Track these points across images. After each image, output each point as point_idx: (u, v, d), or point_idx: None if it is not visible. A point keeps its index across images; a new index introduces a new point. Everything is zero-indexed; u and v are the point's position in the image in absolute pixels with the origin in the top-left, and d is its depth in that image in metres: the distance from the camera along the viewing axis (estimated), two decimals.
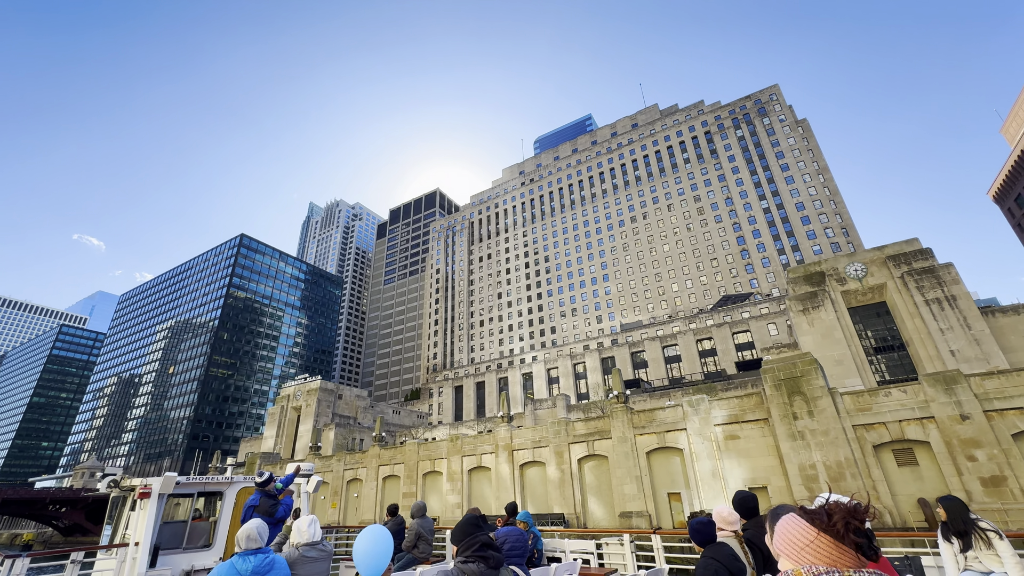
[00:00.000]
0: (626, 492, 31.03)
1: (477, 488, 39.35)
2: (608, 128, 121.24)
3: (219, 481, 11.01)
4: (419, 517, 10.62)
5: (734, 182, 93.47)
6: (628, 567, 13.48)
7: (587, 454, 34.05)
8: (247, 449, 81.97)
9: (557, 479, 34.48)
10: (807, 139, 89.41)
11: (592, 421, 34.87)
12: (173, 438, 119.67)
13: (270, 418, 74.99)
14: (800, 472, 24.47)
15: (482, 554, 4.07)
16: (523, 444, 37.49)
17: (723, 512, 5.36)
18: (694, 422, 29.89)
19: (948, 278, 36.11)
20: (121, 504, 10.77)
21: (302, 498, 12.00)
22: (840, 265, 41.34)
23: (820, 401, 25.10)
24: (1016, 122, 77.90)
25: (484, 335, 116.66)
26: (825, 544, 1.78)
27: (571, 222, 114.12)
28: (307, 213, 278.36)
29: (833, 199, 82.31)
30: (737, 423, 28.41)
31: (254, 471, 58.01)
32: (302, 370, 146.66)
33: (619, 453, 32.11)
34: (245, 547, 4.61)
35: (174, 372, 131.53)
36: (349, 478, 48.52)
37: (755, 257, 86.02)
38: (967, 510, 6.40)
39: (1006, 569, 5.91)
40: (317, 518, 5.43)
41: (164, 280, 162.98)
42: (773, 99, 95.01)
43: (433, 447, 43.00)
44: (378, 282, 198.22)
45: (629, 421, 32.56)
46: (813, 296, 40.45)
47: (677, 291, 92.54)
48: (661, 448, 31.09)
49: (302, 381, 77.15)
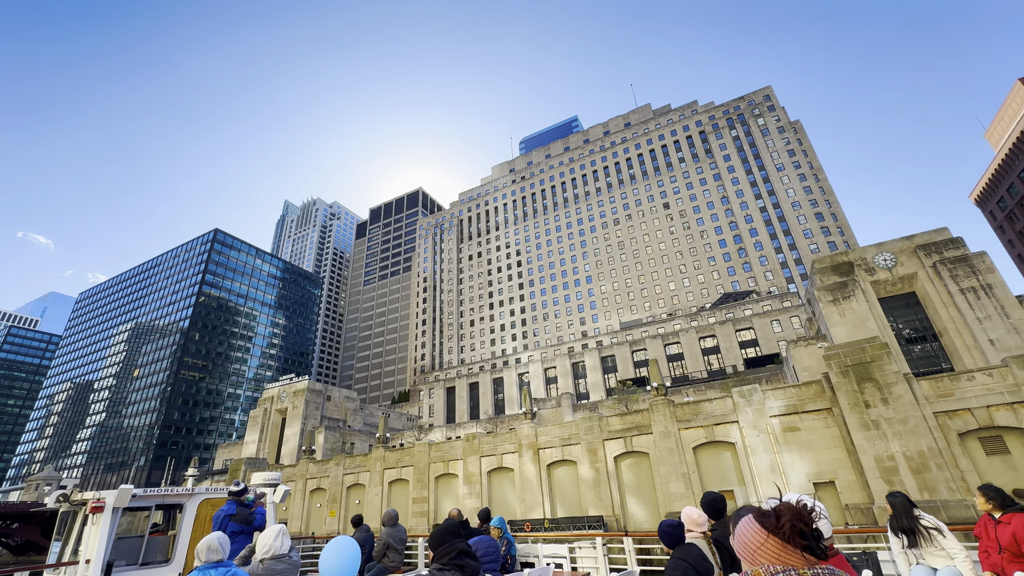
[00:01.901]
0: (672, 491, 28.77)
1: (498, 490, 36.42)
2: (600, 127, 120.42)
3: (179, 493, 10.48)
4: (390, 526, 10.33)
5: (730, 181, 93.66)
6: (600, 570, 13.45)
7: (624, 451, 31.69)
8: (226, 455, 76.24)
9: (591, 479, 31.95)
10: (800, 140, 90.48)
11: (628, 416, 32.56)
12: (138, 446, 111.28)
13: (252, 422, 69.89)
14: (877, 464, 22.65)
15: (459, 562, 4.01)
16: (550, 442, 34.83)
17: (692, 514, 5.47)
18: (747, 414, 27.92)
19: (983, 267, 35.49)
20: (72, 519, 10.18)
21: (268, 508, 11.61)
22: (868, 255, 40.44)
23: (895, 387, 23.42)
24: (1000, 127, 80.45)
25: (475, 335, 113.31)
26: (774, 546, 1.83)
27: (564, 220, 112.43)
28: (282, 211, 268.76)
29: (828, 199, 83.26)
30: (796, 414, 26.57)
31: (239, 477, 53.27)
32: (279, 372, 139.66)
33: (662, 449, 29.87)
34: (206, 559, 4.47)
35: (139, 375, 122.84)
36: (349, 483, 44.70)
37: (752, 255, 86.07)
38: (912, 507, 6.49)
39: (955, 562, 5.99)
40: (286, 528, 5.03)
41: (129, 278, 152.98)
42: (766, 100, 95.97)
43: (446, 447, 39.83)
44: (357, 283, 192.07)
45: (672, 415, 30.39)
46: (843, 286, 39.37)
47: (675, 289, 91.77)
48: (709, 443, 29.02)
49: (287, 382, 72.44)
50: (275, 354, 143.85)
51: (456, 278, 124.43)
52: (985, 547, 6.22)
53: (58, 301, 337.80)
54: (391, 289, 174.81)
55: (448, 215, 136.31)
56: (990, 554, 6.12)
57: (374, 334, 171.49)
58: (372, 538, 10.84)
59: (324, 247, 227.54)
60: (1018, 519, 5.84)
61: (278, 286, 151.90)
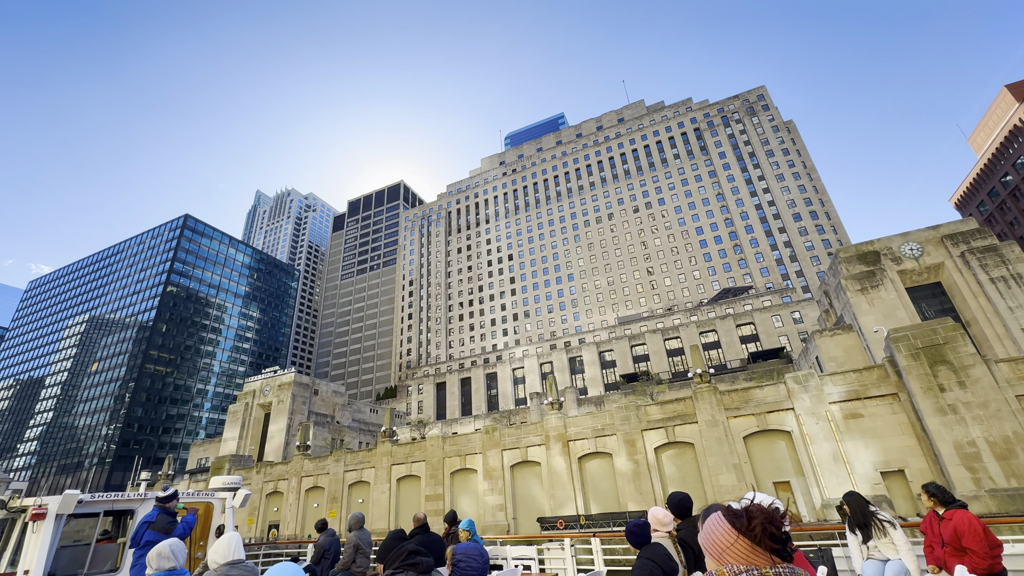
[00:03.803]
0: (722, 483, 27.05)
1: (523, 486, 33.98)
2: (593, 121, 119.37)
3: (130, 498, 10.19)
4: (357, 529, 10.00)
5: (725, 179, 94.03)
6: (568, 571, 13.35)
7: (665, 441, 29.82)
8: (200, 454, 70.75)
9: (630, 472, 29.93)
10: (794, 139, 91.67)
11: (669, 404, 30.72)
12: (96, 446, 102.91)
13: (231, 417, 65.06)
14: (957, 451, 21.41)
15: (411, 561, 4.03)
16: (582, 433, 32.66)
17: (658, 514, 5.57)
18: (803, 400, 26.46)
19: (1012, 256, 35.39)
20: (9, 527, 9.60)
21: (227, 513, 11.32)
22: (894, 244, 40.07)
23: (973, 370, 22.29)
24: (983, 133, 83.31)
25: (464, 330, 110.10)
26: (743, 547, 1.86)
27: (557, 214, 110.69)
28: (253, 202, 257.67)
29: (821, 197, 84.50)
30: (858, 399, 25.24)
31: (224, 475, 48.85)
32: (252, 368, 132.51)
33: (709, 439, 28.13)
34: (157, 567, 4.43)
35: (98, 369, 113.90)
36: (351, 481, 41.30)
37: (748, 252, 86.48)
38: (867, 504, 6.96)
39: (900, 555, 6.47)
40: (240, 535, 4.68)
41: (86, 266, 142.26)
42: (760, 100, 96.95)
43: (463, 440, 37.10)
44: (334, 276, 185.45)
45: (719, 402, 28.70)
46: (871, 275, 38.78)
47: (670, 285, 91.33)
48: (761, 431, 27.44)
49: (271, 375, 67.84)
50: (248, 348, 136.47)
51: (444, 271, 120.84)
52: (930, 542, 6.56)
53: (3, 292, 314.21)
54: (371, 284, 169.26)
55: (435, 207, 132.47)
56: (934, 548, 6.44)
57: (352, 330, 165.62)
58: (338, 543, 10.48)
59: (299, 240, 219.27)
60: (959, 515, 6.12)
61: (252, 277, 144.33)
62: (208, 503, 11.65)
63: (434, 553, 8.44)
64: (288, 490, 43.94)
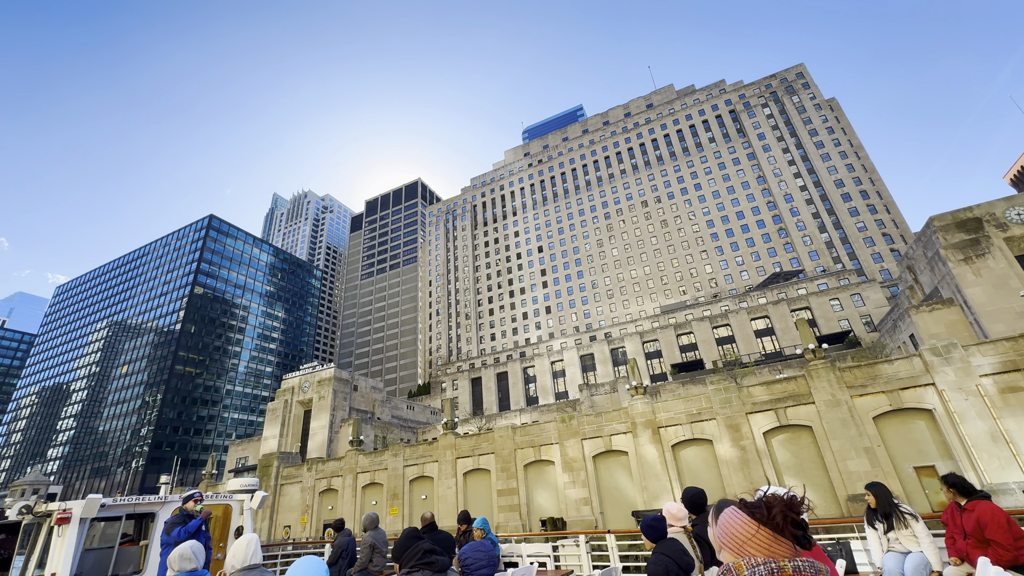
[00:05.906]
0: (852, 469, 24.14)
1: (607, 477, 31.32)
2: (620, 109, 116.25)
3: (151, 502, 10.25)
4: (372, 529, 9.99)
5: (766, 160, 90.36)
6: (584, 567, 13.34)
7: (776, 425, 26.96)
8: (239, 454, 69.25)
9: (736, 459, 27.14)
10: (838, 118, 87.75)
11: (777, 385, 27.90)
12: (129, 448, 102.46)
13: (271, 415, 63.45)
14: None
15: (426, 560, 3.96)
16: (674, 419, 29.92)
17: (672, 509, 5.55)
18: (946, 374, 23.46)
19: None
20: (36, 532, 9.45)
21: (245, 515, 11.41)
22: (997, 210, 36.71)
23: None
24: None
25: (496, 324, 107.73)
26: (765, 536, 1.87)
27: (587, 203, 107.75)
28: (271, 205, 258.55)
29: (871, 176, 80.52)
30: (1018, 371, 22.19)
31: (272, 473, 46.89)
32: (278, 368, 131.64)
33: (831, 421, 25.23)
34: (179, 568, 4.43)
35: (128, 372, 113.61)
36: (412, 476, 39.01)
37: (795, 235, 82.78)
38: (891, 495, 6.89)
39: (921, 547, 6.35)
40: (257, 537, 4.21)
41: (111, 270, 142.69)
42: (800, 78, 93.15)
43: (535, 431, 34.59)
44: (353, 276, 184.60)
45: (839, 380, 25.78)
46: (975, 243, 35.54)
47: (711, 272, 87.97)
48: (894, 411, 24.47)
49: (310, 371, 66.20)
50: (273, 348, 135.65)
51: (471, 265, 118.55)
52: (951, 533, 6.41)
53: (27, 301, 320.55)
54: (391, 282, 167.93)
55: (460, 200, 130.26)
56: (956, 540, 6.31)
57: (374, 328, 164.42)
58: (355, 543, 10.54)
59: (317, 241, 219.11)
60: (982, 506, 5.96)
61: (276, 276, 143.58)
62: (227, 505, 11.82)
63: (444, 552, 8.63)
64: (343, 487, 41.85)
